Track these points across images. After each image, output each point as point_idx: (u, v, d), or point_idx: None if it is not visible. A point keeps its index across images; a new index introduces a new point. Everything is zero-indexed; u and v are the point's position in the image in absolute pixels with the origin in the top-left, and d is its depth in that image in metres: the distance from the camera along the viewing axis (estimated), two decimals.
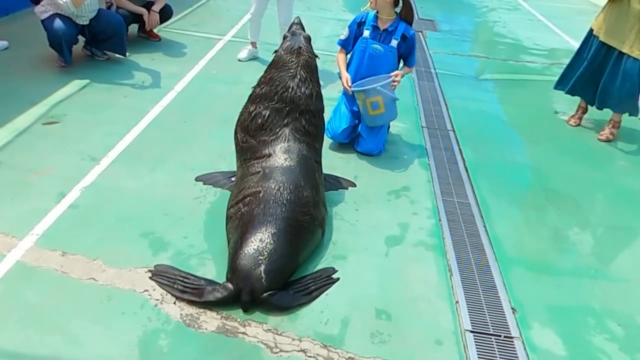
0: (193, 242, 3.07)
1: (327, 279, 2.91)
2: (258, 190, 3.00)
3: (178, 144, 4.12)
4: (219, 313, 2.61)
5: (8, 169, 3.54)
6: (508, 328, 2.74)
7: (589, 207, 3.95)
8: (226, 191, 3.49)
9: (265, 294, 2.63)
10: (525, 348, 2.64)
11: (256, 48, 6.17)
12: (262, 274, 2.65)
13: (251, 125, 3.32)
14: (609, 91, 4.89)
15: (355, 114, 4.34)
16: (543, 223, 3.70)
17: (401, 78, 4.09)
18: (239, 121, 3.46)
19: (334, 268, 3.00)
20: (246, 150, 3.32)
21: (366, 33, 4.16)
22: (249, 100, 3.46)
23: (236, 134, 3.44)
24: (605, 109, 5.11)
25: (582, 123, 5.39)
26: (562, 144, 4.97)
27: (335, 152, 4.26)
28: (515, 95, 6.15)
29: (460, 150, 4.61)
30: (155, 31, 6.36)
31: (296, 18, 3.81)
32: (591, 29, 5.00)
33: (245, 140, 3.34)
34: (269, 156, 3.19)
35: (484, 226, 3.57)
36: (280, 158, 3.17)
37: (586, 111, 5.37)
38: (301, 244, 2.93)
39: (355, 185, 3.86)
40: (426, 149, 4.54)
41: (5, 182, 3.39)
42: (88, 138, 4.03)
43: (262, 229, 2.80)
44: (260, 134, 3.28)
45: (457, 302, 2.87)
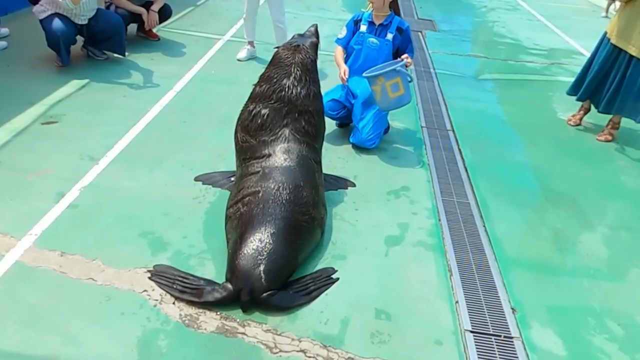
0: (192, 242, 3.07)
1: (327, 279, 2.91)
2: (257, 190, 2.99)
3: (177, 144, 4.11)
4: (219, 313, 2.60)
5: (7, 169, 3.53)
6: (508, 328, 2.74)
7: (589, 207, 3.95)
8: (225, 191, 3.48)
9: (264, 294, 2.62)
10: (525, 348, 2.64)
11: (254, 47, 6.17)
12: (262, 274, 2.65)
13: (251, 125, 3.32)
14: (616, 95, 4.82)
15: (347, 101, 4.43)
16: (543, 223, 3.70)
17: (411, 60, 4.22)
18: (239, 120, 3.45)
19: (334, 268, 3.00)
20: (246, 150, 3.31)
21: (363, 28, 4.38)
22: (250, 98, 3.47)
23: (236, 134, 3.44)
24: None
25: (581, 123, 5.38)
26: (562, 144, 4.97)
27: (334, 152, 4.26)
28: (514, 95, 6.15)
29: (459, 150, 4.61)
30: (154, 31, 6.35)
31: (314, 25, 3.89)
32: (605, 33, 4.94)
33: (245, 140, 3.33)
34: (269, 156, 3.18)
35: (484, 226, 3.57)
36: (279, 158, 3.17)
37: (588, 111, 5.34)
38: (300, 244, 2.92)
39: (354, 185, 3.86)
40: (426, 149, 4.54)
41: (4, 182, 3.39)
42: (87, 138, 4.02)
43: (262, 229, 2.79)
44: (260, 134, 3.28)
45: (457, 302, 2.87)
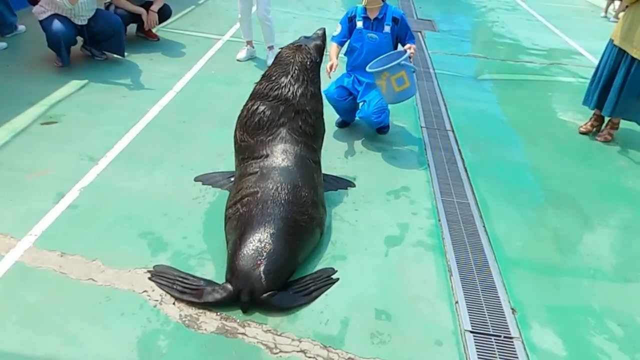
0: (192, 243, 3.07)
1: (327, 280, 2.91)
2: (256, 190, 2.99)
3: (177, 144, 4.11)
4: (219, 314, 2.60)
5: (6, 169, 3.53)
6: (508, 328, 2.74)
7: (588, 207, 3.95)
8: (225, 191, 3.48)
9: (264, 295, 2.62)
10: (525, 348, 2.64)
11: (253, 47, 6.17)
12: (262, 275, 2.65)
13: (249, 123, 3.32)
14: (619, 97, 4.79)
15: (354, 89, 4.46)
16: (542, 223, 3.70)
17: (414, 49, 4.18)
18: (239, 118, 3.46)
19: (334, 268, 3.00)
20: (244, 149, 3.31)
21: (359, 24, 4.35)
22: (250, 96, 3.48)
23: (235, 132, 3.44)
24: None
25: (580, 123, 5.38)
26: (561, 144, 4.97)
27: (334, 153, 4.26)
28: (514, 95, 6.15)
29: (459, 150, 4.61)
30: (154, 31, 6.36)
31: (321, 29, 3.86)
32: (611, 39, 4.90)
33: (243, 139, 3.34)
34: (267, 156, 3.18)
35: (484, 226, 3.57)
36: (277, 158, 3.17)
37: (602, 119, 5.14)
38: (300, 244, 2.92)
39: (354, 185, 3.86)
40: (425, 149, 4.54)
41: (3, 183, 3.38)
42: (87, 138, 4.02)
43: (261, 230, 2.79)
44: (257, 133, 3.28)
45: (457, 303, 2.87)
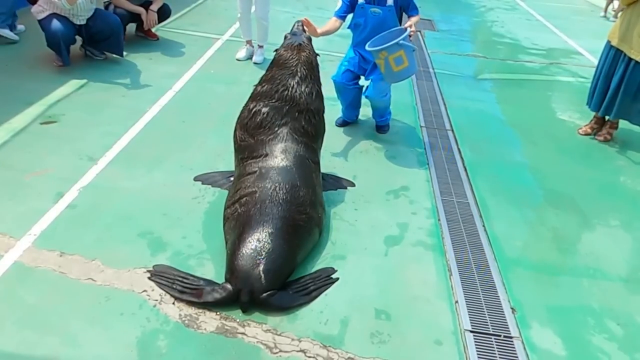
0: (192, 242, 3.06)
1: (327, 279, 2.90)
2: (254, 190, 2.99)
3: (176, 144, 4.10)
4: (218, 313, 2.60)
5: (5, 169, 3.52)
6: (508, 328, 2.74)
7: (588, 207, 3.95)
8: (225, 191, 3.47)
9: (264, 294, 2.62)
10: (525, 348, 2.64)
11: (253, 47, 6.16)
12: (261, 274, 2.64)
13: (250, 123, 3.32)
14: (615, 97, 4.79)
15: (360, 68, 4.43)
16: (542, 223, 3.70)
17: (415, 27, 4.09)
18: (239, 119, 3.46)
19: (333, 268, 3.00)
20: (244, 149, 3.31)
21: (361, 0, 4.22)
22: (250, 98, 3.47)
23: (235, 132, 3.44)
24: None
25: (579, 122, 5.38)
26: (561, 144, 4.97)
27: (334, 152, 4.25)
28: (513, 95, 6.15)
29: (459, 149, 4.61)
30: (153, 31, 6.34)
31: (298, 22, 3.85)
32: (608, 40, 4.89)
33: (243, 138, 3.33)
34: (266, 156, 3.18)
35: (483, 226, 3.57)
36: (277, 158, 3.17)
37: (603, 121, 5.11)
38: (298, 244, 2.92)
39: (354, 185, 3.85)
40: (425, 149, 4.54)
41: (2, 182, 3.38)
42: (86, 138, 4.02)
43: (259, 229, 2.79)
44: (258, 133, 3.28)
45: (457, 302, 2.87)
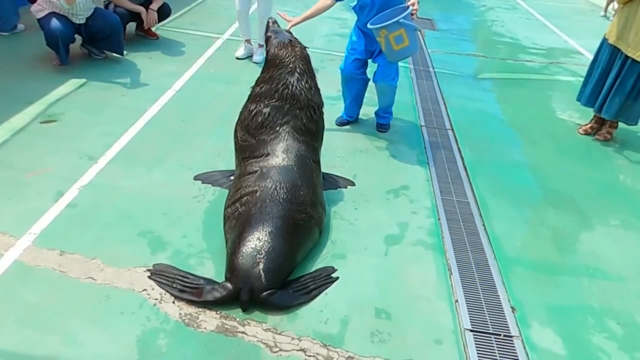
0: (192, 242, 3.06)
1: (327, 278, 2.90)
2: (255, 189, 2.99)
3: (176, 143, 4.10)
4: (218, 312, 2.60)
5: (5, 168, 3.52)
6: (508, 327, 2.74)
7: (588, 206, 3.95)
8: (225, 190, 3.47)
9: (264, 293, 2.62)
10: (524, 347, 2.64)
11: (252, 45, 6.16)
12: (261, 273, 2.64)
13: (251, 123, 3.32)
14: (609, 96, 4.80)
15: (367, 52, 4.40)
16: (542, 222, 3.70)
17: (418, 4, 4.02)
18: (239, 120, 3.45)
19: (333, 267, 3.00)
20: (245, 149, 3.31)
21: None
22: (249, 100, 3.46)
23: (236, 133, 3.44)
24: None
25: (579, 122, 5.38)
26: (561, 144, 4.97)
27: (334, 152, 4.25)
28: (513, 94, 6.15)
29: (459, 149, 4.61)
30: (153, 30, 6.34)
31: (270, 19, 3.78)
32: (604, 36, 4.89)
33: (244, 139, 3.33)
34: (267, 155, 3.18)
35: (483, 225, 3.57)
36: (278, 157, 3.17)
37: (603, 121, 5.08)
38: (298, 243, 2.92)
39: (354, 184, 3.85)
40: (425, 148, 4.54)
41: (2, 182, 3.38)
42: (86, 137, 4.01)
43: (260, 228, 2.79)
44: (260, 132, 3.28)
45: (457, 301, 2.87)
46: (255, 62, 5.99)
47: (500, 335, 2.69)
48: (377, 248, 3.23)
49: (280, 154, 3.18)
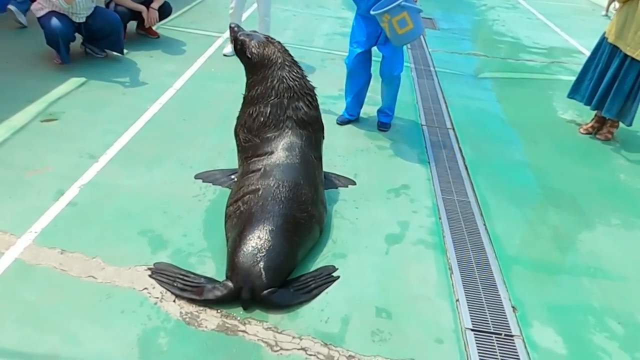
0: (192, 240, 3.06)
1: (327, 277, 2.90)
2: (257, 187, 2.99)
3: (177, 142, 4.10)
4: (219, 311, 2.60)
5: (6, 167, 3.52)
6: (508, 326, 2.74)
7: (588, 206, 3.95)
8: (225, 189, 3.47)
9: (265, 292, 2.62)
10: (525, 346, 2.64)
11: None
12: (262, 271, 2.64)
13: (254, 124, 3.31)
14: (607, 94, 4.80)
15: (370, 39, 4.37)
16: (542, 221, 3.70)
17: None
18: (239, 124, 3.43)
19: (334, 266, 2.99)
20: (248, 149, 3.31)
21: None
22: (246, 104, 3.44)
23: (237, 136, 3.43)
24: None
25: (580, 121, 5.38)
26: (561, 143, 4.97)
27: (335, 151, 4.25)
28: (514, 93, 6.15)
29: (459, 148, 4.60)
30: (154, 28, 6.33)
31: (232, 24, 3.67)
32: (603, 34, 4.89)
33: (248, 139, 3.33)
34: (271, 154, 3.18)
35: (484, 224, 3.57)
36: (281, 156, 3.17)
37: (604, 120, 5.08)
38: (299, 241, 2.92)
39: (355, 183, 3.85)
40: (426, 147, 4.54)
41: (3, 180, 3.37)
42: (86, 136, 4.01)
43: (260, 226, 2.79)
44: (264, 132, 3.27)
45: (458, 301, 2.87)
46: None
47: (501, 334, 2.69)
48: (378, 247, 3.22)
49: (283, 152, 3.18)
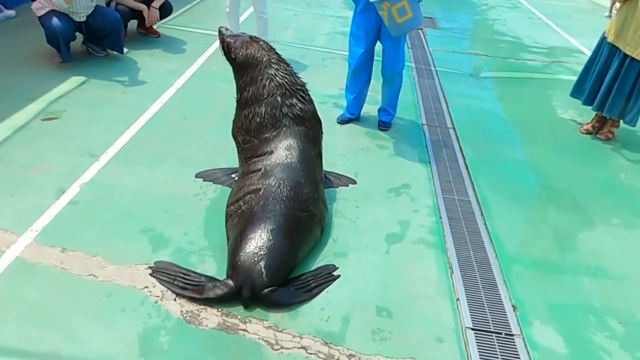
0: (193, 239, 3.06)
1: (328, 276, 2.91)
2: (258, 187, 3.00)
3: (177, 141, 4.10)
4: (220, 310, 2.60)
5: (7, 166, 3.52)
6: (509, 325, 2.74)
7: (589, 205, 3.95)
8: (226, 188, 3.48)
9: (265, 291, 2.62)
10: (526, 345, 2.64)
11: None
12: (262, 270, 2.65)
13: (251, 126, 3.31)
14: (608, 94, 4.79)
15: (370, 35, 4.36)
16: (543, 221, 3.70)
17: None
18: (237, 127, 3.44)
19: (335, 265, 3.00)
20: (248, 150, 3.32)
21: None
22: (240, 107, 3.44)
23: (236, 138, 3.43)
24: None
25: (580, 121, 5.38)
26: (562, 142, 4.97)
27: (335, 150, 4.25)
28: (515, 93, 6.15)
29: (460, 147, 4.60)
30: (154, 27, 6.34)
31: (222, 27, 3.74)
32: (603, 33, 4.89)
33: (247, 141, 3.33)
34: (270, 153, 3.18)
35: (485, 224, 3.57)
36: (281, 155, 3.17)
37: (604, 119, 5.06)
38: (300, 241, 2.93)
39: (355, 182, 3.85)
40: (426, 147, 4.54)
41: (4, 179, 3.38)
42: (87, 134, 4.01)
43: (261, 226, 2.79)
44: (262, 132, 3.27)
45: (458, 300, 2.87)
46: None
47: (501, 333, 2.69)
48: (379, 246, 3.23)
49: (283, 151, 3.18)
